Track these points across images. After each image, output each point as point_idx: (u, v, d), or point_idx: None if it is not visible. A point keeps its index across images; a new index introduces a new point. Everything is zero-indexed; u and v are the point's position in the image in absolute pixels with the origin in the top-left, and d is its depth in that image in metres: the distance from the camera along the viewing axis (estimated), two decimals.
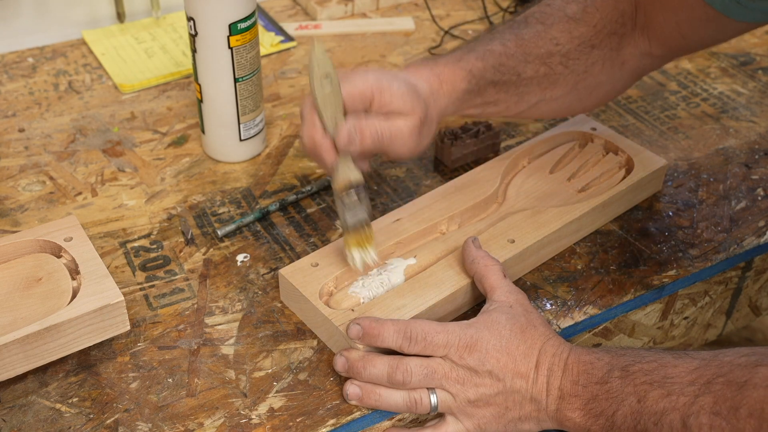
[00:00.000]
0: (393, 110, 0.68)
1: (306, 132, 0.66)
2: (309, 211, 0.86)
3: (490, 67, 0.76)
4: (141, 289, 0.77)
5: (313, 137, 0.66)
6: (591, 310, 0.76)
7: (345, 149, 0.66)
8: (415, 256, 0.76)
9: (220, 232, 0.82)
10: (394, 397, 0.66)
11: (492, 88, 0.77)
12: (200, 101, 0.89)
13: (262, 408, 0.67)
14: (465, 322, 0.67)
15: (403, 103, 0.68)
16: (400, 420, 0.69)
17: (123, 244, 0.82)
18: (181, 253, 0.81)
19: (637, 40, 0.81)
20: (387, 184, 0.90)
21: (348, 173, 0.68)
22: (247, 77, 0.87)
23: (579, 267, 0.80)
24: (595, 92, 0.83)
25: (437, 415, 0.68)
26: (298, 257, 0.80)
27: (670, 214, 0.86)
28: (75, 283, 0.70)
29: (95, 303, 0.66)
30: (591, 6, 0.79)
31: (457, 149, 0.90)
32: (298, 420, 0.66)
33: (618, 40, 0.80)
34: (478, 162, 0.91)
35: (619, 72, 0.82)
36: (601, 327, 0.78)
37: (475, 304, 0.76)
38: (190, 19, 0.84)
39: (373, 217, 0.85)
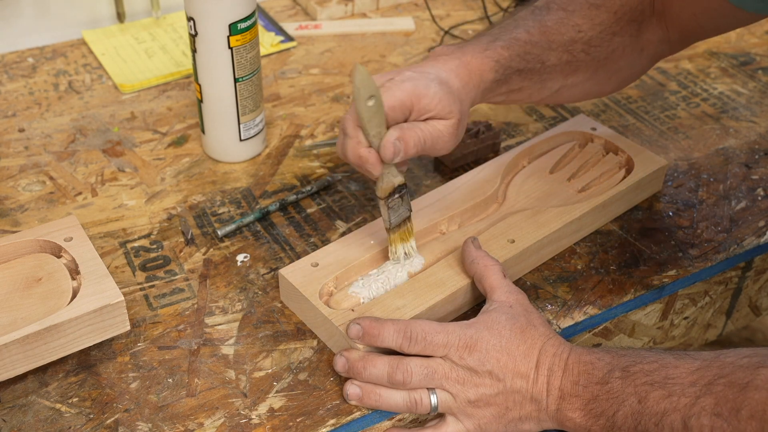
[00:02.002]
0: (432, 116, 0.69)
1: (351, 148, 0.68)
2: (309, 211, 0.86)
3: (515, 56, 0.76)
4: (141, 289, 0.77)
5: (359, 153, 0.68)
6: (591, 310, 0.76)
7: (391, 160, 0.68)
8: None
9: (220, 233, 0.82)
10: (394, 398, 0.66)
11: (517, 77, 0.77)
12: (200, 101, 0.89)
13: (262, 408, 0.67)
14: (465, 322, 0.67)
15: (441, 108, 0.69)
16: (400, 420, 0.69)
17: (123, 244, 0.82)
18: (181, 253, 0.81)
19: (655, 27, 0.82)
20: None
21: (392, 179, 0.70)
22: (247, 77, 0.87)
23: (579, 267, 0.80)
24: (615, 77, 0.84)
25: (437, 415, 0.68)
26: (298, 257, 0.80)
27: (670, 214, 0.86)
28: (75, 283, 0.70)
29: (95, 303, 0.66)
30: None
31: (457, 149, 0.90)
32: (298, 420, 0.66)
33: (637, 27, 0.81)
34: (478, 162, 0.91)
35: (638, 57, 0.83)
36: (601, 327, 0.78)
37: (475, 304, 0.76)
38: (190, 19, 0.84)
39: (374, 217, 0.85)
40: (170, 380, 0.69)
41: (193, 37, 0.85)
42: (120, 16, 1.17)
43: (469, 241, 0.74)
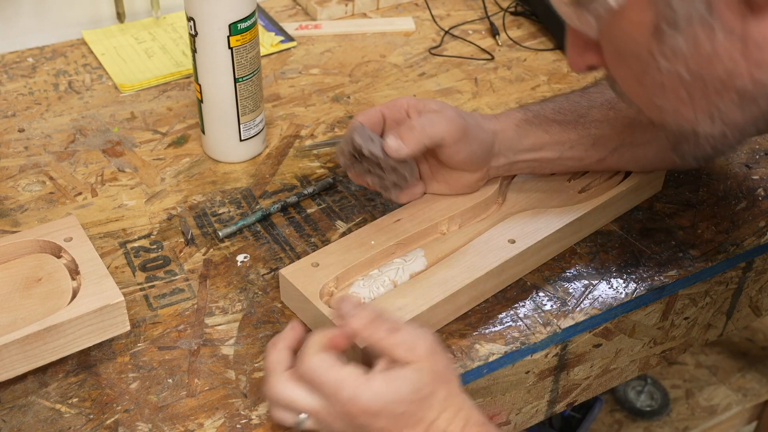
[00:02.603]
0: (430, 109, 0.74)
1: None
2: (309, 211, 0.86)
3: (548, 109, 0.78)
4: (141, 290, 0.77)
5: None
6: (591, 311, 0.76)
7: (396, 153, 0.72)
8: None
9: (221, 234, 0.82)
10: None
11: (557, 126, 0.78)
12: (200, 101, 0.89)
13: (262, 408, 0.67)
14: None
15: (436, 104, 0.73)
16: None
17: (123, 245, 0.82)
18: (181, 254, 0.81)
19: None
20: None
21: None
22: (247, 77, 0.87)
23: (579, 267, 0.80)
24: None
25: None
26: (299, 257, 0.80)
27: (671, 214, 0.86)
28: (75, 284, 0.70)
29: (95, 303, 0.66)
30: None
31: None
32: None
33: None
34: None
35: None
36: (601, 327, 0.78)
37: (476, 304, 0.76)
38: (190, 19, 0.84)
39: (374, 217, 0.85)
40: (170, 380, 0.69)
41: (193, 37, 0.85)
42: (120, 16, 1.17)
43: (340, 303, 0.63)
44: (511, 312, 0.75)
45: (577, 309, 0.76)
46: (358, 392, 0.58)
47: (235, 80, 0.87)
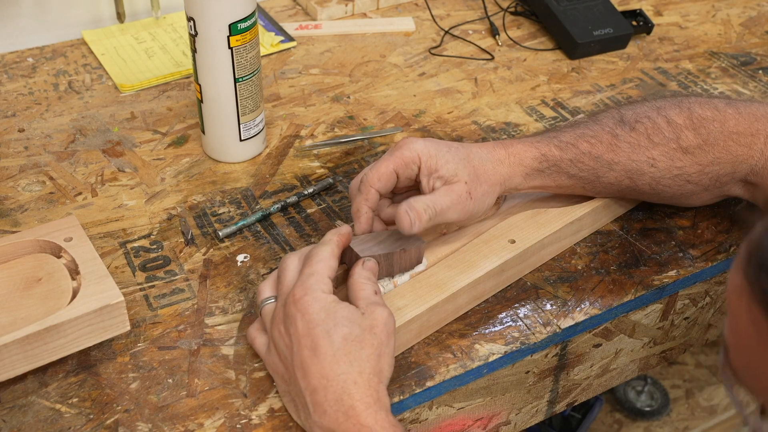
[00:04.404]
0: (440, 176, 0.72)
1: (356, 201, 0.74)
2: (309, 211, 0.86)
3: (567, 160, 0.76)
4: (141, 290, 0.77)
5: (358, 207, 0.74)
6: (591, 311, 0.76)
7: (409, 231, 0.70)
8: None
9: (221, 234, 0.82)
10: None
11: (567, 178, 0.77)
12: (200, 101, 0.89)
13: (262, 408, 0.67)
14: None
15: (447, 170, 0.72)
16: None
17: (123, 245, 0.82)
18: (181, 254, 0.81)
19: (739, 189, 0.79)
20: None
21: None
22: (247, 77, 0.87)
23: (579, 267, 0.80)
24: (678, 204, 0.84)
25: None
26: None
27: (671, 214, 0.86)
28: (75, 284, 0.70)
29: (95, 303, 0.66)
30: (709, 146, 0.76)
31: None
32: None
33: (718, 186, 0.78)
34: None
35: (709, 199, 0.81)
36: (601, 327, 0.78)
37: (476, 304, 0.76)
38: (190, 19, 0.84)
39: None
40: (170, 380, 0.69)
41: (193, 37, 0.85)
42: (120, 16, 1.17)
43: (359, 262, 0.69)
44: (511, 312, 0.75)
45: (577, 309, 0.76)
46: (308, 290, 0.64)
47: (235, 80, 0.87)
